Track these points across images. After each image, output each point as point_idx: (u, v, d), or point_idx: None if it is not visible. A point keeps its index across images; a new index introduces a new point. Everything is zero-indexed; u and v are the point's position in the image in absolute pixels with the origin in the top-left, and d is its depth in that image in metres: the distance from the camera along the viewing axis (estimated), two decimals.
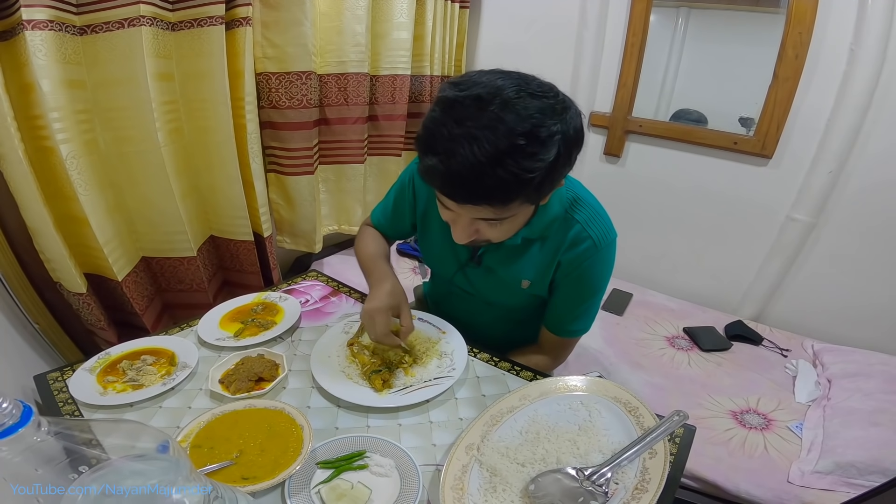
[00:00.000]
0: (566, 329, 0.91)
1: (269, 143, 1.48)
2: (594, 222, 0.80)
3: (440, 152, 0.59)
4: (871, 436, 1.12)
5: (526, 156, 0.57)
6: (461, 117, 0.57)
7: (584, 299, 0.87)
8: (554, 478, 0.60)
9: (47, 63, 0.89)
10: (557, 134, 0.58)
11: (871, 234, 1.54)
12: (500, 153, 0.56)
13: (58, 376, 0.78)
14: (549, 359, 0.95)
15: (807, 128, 1.55)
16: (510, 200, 0.61)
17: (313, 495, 0.59)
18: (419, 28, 1.76)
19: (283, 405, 0.70)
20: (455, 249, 0.90)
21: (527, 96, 0.58)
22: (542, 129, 0.57)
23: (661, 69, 1.86)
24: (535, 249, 0.83)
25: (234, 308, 0.98)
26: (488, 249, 0.85)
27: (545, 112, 0.58)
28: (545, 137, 0.57)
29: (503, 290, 0.90)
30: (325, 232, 1.80)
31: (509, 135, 0.56)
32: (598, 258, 0.80)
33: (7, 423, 0.33)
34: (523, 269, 0.85)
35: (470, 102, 0.58)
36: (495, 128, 0.56)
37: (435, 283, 1.11)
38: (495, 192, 0.59)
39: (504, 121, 0.56)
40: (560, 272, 0.83)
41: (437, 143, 0.59)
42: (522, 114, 0.57)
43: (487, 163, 0.56)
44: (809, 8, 1.44)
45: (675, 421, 0.65)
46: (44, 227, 0.97)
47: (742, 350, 1.58)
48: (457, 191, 0.61)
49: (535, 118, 0.57)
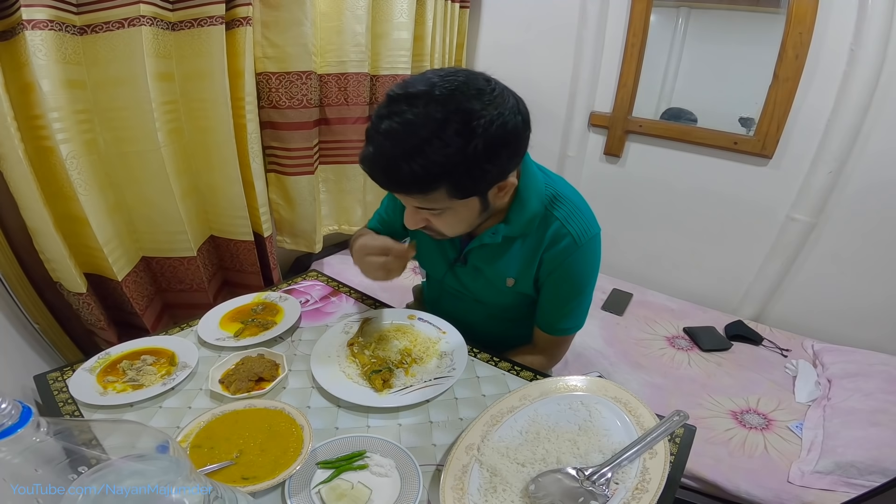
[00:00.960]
0: (557, 328, 0.91)
1: (269, 143, 1.48)
2: (574, 218, 0.81)
3: (369, 143, 0.64)
4: (871, 436, 1.12)
5: (433, 151, 0.60)
6: (391, 112, 0.62)
7: (570, 297, 0.87)
8: (554, 478, 0.60)
9: (47, 63, 0.89)
10: (475, 132, 0.60)
11: (871, 234, 1.54)
12: (410, 148, 0.60)
13: (58, 376, 0.78)
14: (544, 358, 0.96)
15: (807, 128, 1.55)
16: (428, 191, 0.64)
17: (313, 495, 0.59)
18: (419, 28, 1.76)
19: (284, 405, 0.70)
20: (443, 249, 0.92)
21: (457, 94, 0.60)
22: (453, 126, 0.59)
23: (661, 69, 1.86)
24: (517, 247, 0.84)
25: (234, 308, 0.98)
26: (472, 248, 0.87)
27: (467, 111, 0.60)
28: (453, 134, 0.60)
29: (490, 288, 0.91)
30: (325, 232, 1.80)
31: (420, 130, 0.60)
32: (579, 255, 0.81)
33: (6, 423, 0.33)
34: (507, 267, 0.86)
35: (402, 99, 0.62)
36: (411, 123, 0.60)
37: (429, 285, 1.12)
38: (410, 184, 0.64)
39: (421, 117, 0.60)
40: (543, 270, 0.84)
41: (370, 135, 0.65)
42: (440, 113, 0.60)
43: (400, 156, 0.61)
44: (810, 8, 1.44)
45: (675, 421, 0.65)
46: (44, 226, 0.97)
47: (742, 350, 1.58)
48: (378, 179, 0.65)
49: (452, 117, 0.60)
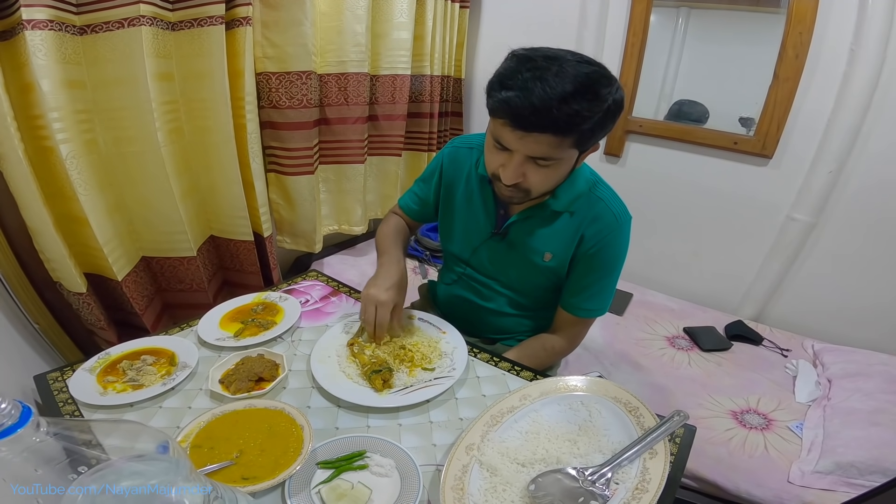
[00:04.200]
0: (581, 307, 0.94)
1: (269, 143, 1.48)
2: (615, 201, 0.90)
3: (516, 88, 0.70)
4: (871, 436, 1.11)
5: (586, 99, 0.69)
6: (534, 67, 0.70)
7: (600, 276, 0.91)
8: (554, 478, 0.60)
9: (47, 63, 0.89)
10: (608, 93, 0.71)
11: (871, 234, 1.54)
12: (567, 94, 0.68)
13: (58, 376, 0.78)
14: (563, 340, 0.98)
15: (807, 128, 1.55)
16: (569, 133, 0.71)
17: (313, 495, 0.59)
18: (419, 28, 1.76)
19: (284, 405, 0.70)
20: (478, 225, 0.96)
21: (584, 63, 0.72)
22: (597, 85, 0.70)
23: (661, 69, 1.86)
24: (561, 222, 0.89)
25: (234, 308, 0.98)
26: (516, 221, 0.91)
27: (600, 75, 0.72)
28: (600, 91, 0.70)
29: (523, 265, 0.94)
30: (325, 232, 1.80)
31: (574, 82, 0.69)
32: (617, 234, 0.88)
33: (6, 423, 0.33)
34: (548, 240, 0.91)
35: (541, 58, 0.71)
36: (564, 76, 0.69)
37: (445, 269, 1.14)
38: (560, 123, 0.70)
39: (570, 73, 0.69)
40: (582, 247, 0.89)
41: (514, 82, 0.70)
42: (583, 71, 0.70)
43: (557, 98, 0.68)
44: (810, 8, 1.44)
45: (675, 421, 0.65)
46: (44, 226, 0.97)
47: (742, 350, 1.58)
48: (528, 118, 0.70)
49: (592, 76, 0.70)
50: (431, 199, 1.05)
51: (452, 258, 1.08)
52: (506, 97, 0.70)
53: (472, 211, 0.96)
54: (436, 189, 1.03)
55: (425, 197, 1.06)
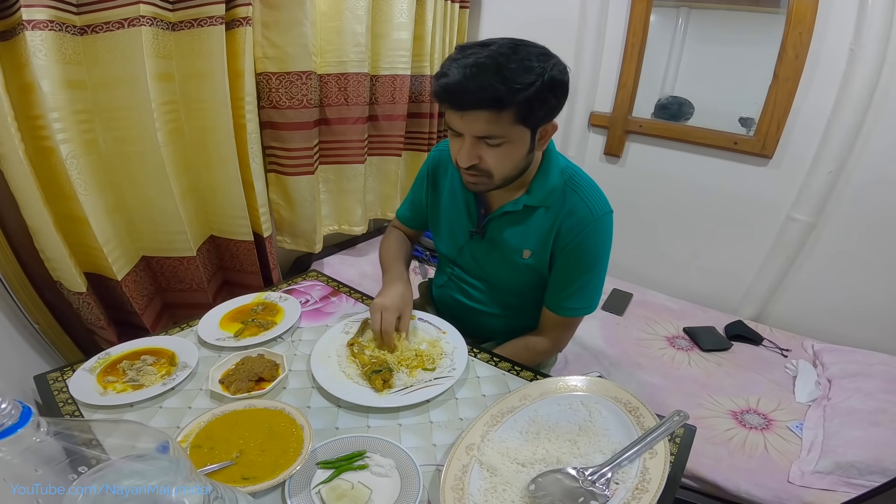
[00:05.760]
0: (565, 306, 0.92)
1: (269, 143, 1.48)
2: (591, 194, 0.87)
3: (444, 76, 0.73)
4: (871, 436, 1.11)
5: (509, 71, 0.70)
6: (465, 51, 0.73)
7: (581, 273, 0.89)
8: (554, 478, 0.60)
9: (47, 63, 0.89)
10: (542, 67, 0.72)
11: (871, 234, 1.54)
12: (486, 66, 0.70)
13: (58, 376, 0.78)
14: (548, 341, 0.97)
15: (807, 128, 1.55)
16: (504, 107, 0.72)
17: (313, 495, 0.59)
18: (419, 28, 1.76)
19: (284, 405, 0.70)
20: (461, 223, 0.97)
21: (518, 46, 0.73)
22: (525, 58, 0.71)
23: (661, 69, 1.86)
24: (536, 218, 0.89)
25: (234, 308, 0.98)
26: (493, 218, 0.92)
27: (530, 54, 0.73)
28: (528, 63, 0.71)
29: (505, 264, 0.94)
30: (325, 232, 1.80)
31: (496, 56, 0.71)
32: (594, 228, 0.86)
33: (6, 423, 0.33)
34: (525, 237, 0.90)
35: (476, 45, 0.74)
36: (494, 53, 0.71)
37: (438, 271, 1.14)
38: (489, 95, 0.71)
39: (495, 50, 0.72)
40: (559, 242, 0.88)
41: (447, 67, 0.74)
42: (509, 45, 0.73)
43: (477, 71, 0.70)
44: (809, 8, 1.44)
45: (675, 421, 0.65)
46: (44, 226, 0.97)
47: (742, 350, 1.58)
48: (459, 96, 0.73)
49: (519, 50, 0.72)
50: (423, 203, 1.06)
51: (444, 259, 1.09)
52: (441, 82, 0.74)
53: (456, 210, 0.98)
54: (426, 193, 1.05)
55: (418, 202, 1.08)
